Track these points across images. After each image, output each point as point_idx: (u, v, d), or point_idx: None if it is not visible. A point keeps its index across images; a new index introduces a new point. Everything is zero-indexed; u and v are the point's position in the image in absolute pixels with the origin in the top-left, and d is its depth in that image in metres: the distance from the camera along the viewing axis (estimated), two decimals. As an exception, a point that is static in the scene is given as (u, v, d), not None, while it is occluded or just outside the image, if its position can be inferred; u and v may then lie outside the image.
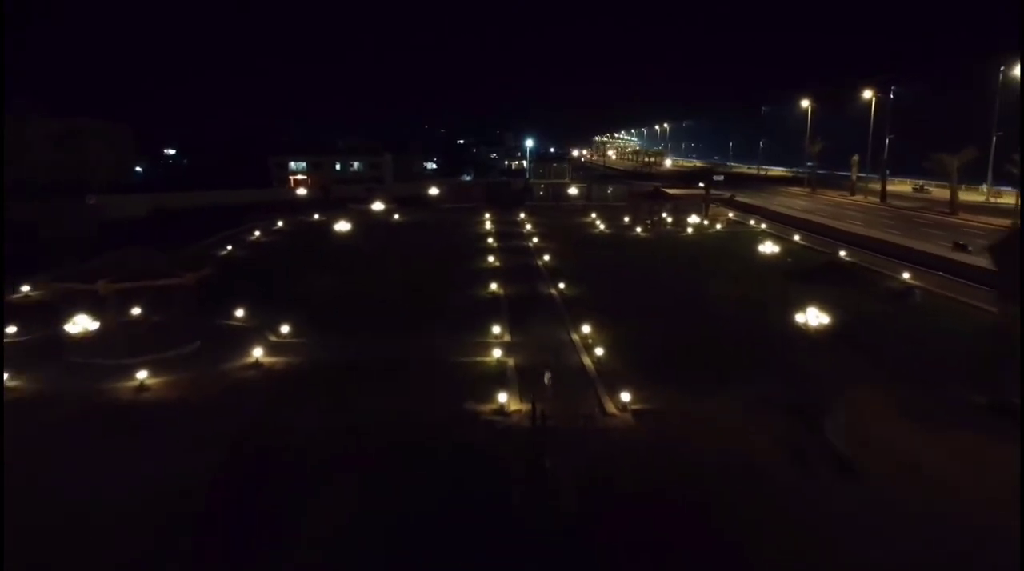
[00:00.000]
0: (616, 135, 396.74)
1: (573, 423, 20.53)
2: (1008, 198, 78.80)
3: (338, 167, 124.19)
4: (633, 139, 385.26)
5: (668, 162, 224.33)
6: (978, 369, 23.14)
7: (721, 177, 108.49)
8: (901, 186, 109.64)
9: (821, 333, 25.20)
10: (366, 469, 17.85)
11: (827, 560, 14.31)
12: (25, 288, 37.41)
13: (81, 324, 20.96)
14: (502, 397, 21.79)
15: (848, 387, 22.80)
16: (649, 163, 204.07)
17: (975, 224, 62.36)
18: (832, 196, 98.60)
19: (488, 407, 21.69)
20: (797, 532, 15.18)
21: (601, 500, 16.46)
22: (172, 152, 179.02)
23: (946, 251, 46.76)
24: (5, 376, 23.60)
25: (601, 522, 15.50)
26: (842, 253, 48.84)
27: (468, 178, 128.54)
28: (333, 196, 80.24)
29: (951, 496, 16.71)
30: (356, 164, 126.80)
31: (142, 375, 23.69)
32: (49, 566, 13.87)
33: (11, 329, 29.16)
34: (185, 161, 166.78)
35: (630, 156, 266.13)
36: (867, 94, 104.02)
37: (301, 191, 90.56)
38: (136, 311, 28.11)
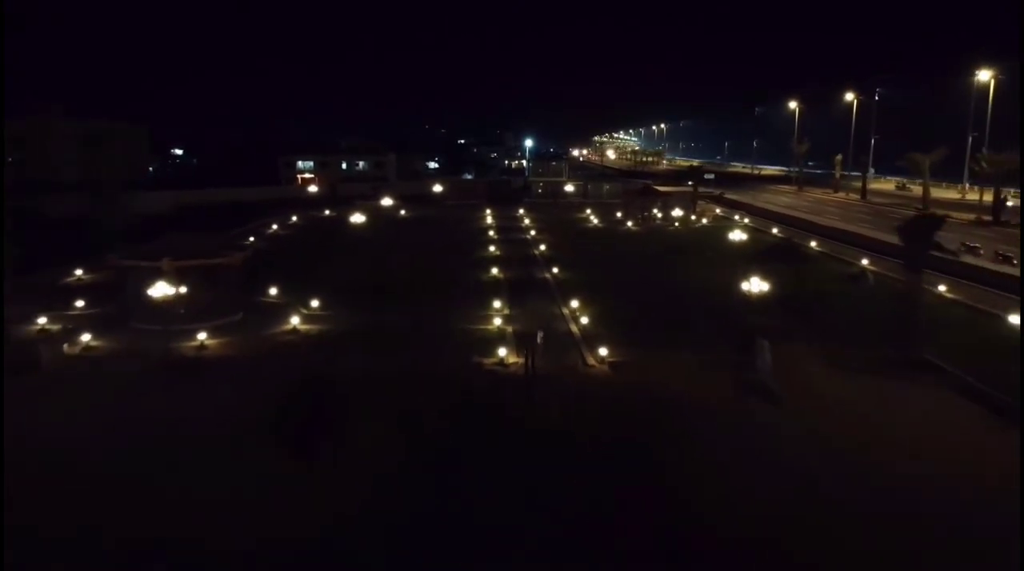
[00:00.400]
0: (616, 135, 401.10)
1: (560, 371, 25.30)
2: (974, 195, 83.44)
3: (344, 166, 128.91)
4: (633, 139, 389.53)
5: (664, 162, 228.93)
6: (899, 331, 27.81)
7: (712, 176, 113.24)
8: (886, 184, 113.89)
9: (773, 304, 29.99)
10: (397, 399, 22.66)
11: (742, 453, 19.11)
12: (78, 271, 42.15)
13: (162, 290, 25.71)
14: (502, 352, 26.61)
15: (782, 340, 27.47)
16: (645, 163, 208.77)
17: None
18: (816, 194, 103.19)
19: (491, 360, 26.50)
20: (723, 438, 19.98)
21: (576, 413, 21.58)
22: (180, 152, 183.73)
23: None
24: (87, 337, 28.38)
25: (573, 428, 20.54)
26: (813, 243, 53.60)
27: (469, 177, 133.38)
28: (340, 194, 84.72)
29: (855, 417, 21.53)
30: (361, 163, 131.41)
31: (202, 336, 28.47)
32: (177, 458, 18.67)
33: (79, 303, 33.96)
34: (195, 161, 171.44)
35: (629, 156, 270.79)
36: (852, 96, 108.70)
37: (312, 189, 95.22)
38: (184, 288, 32.69)
